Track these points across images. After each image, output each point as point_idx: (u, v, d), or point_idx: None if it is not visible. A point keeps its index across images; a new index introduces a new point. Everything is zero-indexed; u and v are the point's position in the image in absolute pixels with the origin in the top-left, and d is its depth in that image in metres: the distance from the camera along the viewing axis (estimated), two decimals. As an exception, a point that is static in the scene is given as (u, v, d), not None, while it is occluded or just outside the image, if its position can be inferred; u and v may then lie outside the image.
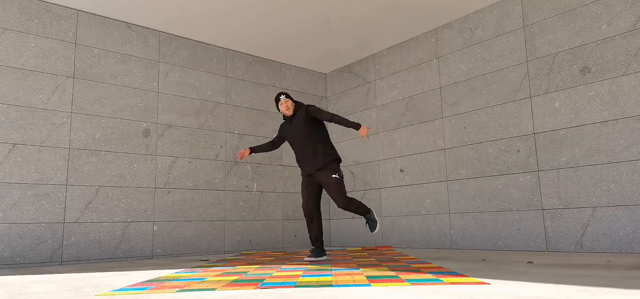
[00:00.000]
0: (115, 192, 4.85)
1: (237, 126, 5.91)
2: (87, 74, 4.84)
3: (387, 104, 6.00)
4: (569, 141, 4.23)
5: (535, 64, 4.55)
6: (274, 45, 5.91)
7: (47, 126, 4.52)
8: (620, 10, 4.02)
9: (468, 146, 5.04)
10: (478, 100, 5.00)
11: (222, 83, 5.86)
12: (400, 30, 5.54)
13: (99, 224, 4.71)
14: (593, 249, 4.02)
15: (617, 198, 3.91)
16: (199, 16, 5.06)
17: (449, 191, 5.19)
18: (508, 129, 4.71)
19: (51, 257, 4.40)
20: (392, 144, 5.89)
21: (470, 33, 5.15)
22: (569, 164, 4.22)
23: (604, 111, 4.04)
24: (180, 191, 5.30)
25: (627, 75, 3.94)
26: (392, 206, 5.80)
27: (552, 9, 4.46)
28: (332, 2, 4.82)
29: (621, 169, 3.91)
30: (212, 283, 2.56)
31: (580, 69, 4.22)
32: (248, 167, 5.93)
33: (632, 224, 3.82)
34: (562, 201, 4.24)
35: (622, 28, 4.00)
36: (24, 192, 4.32)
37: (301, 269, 3.27)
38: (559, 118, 4.33)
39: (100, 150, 4.81)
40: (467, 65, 5.14)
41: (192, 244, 5.31)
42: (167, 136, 5.30)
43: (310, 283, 2.47)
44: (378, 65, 6.20)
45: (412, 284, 2.29)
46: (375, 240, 5.98)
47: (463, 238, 5.00)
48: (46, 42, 4.63)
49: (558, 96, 4.35)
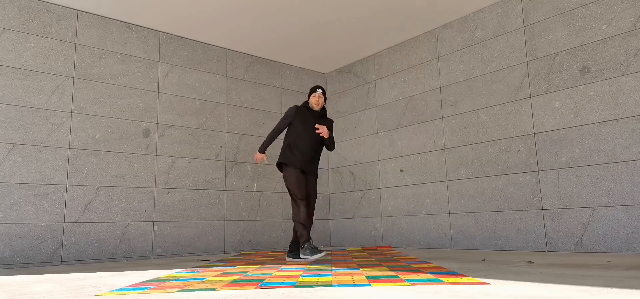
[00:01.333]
0: (115, 193, 4.85)
1: (237, 126, 5.91)
2: (87, 74, 4.84)
3: (387, 104, 6.00)
4: (569, 141, 4.23)
5: (535, 64, 4.55)
6: (274, 45, 5.92)
7: (47, 126, 4.52)
8: (620, 10, 4.02)
9: (468, 146, 5.04)
10: (478, 100, 5.00)
11: (222, 83, 5.86)
12: (400, 30, 5.54)
13: (99, 224, 4.71)
14: (593, 249, 4.02)
15: (617, 198, 3.91)
16: (199, 16, 5.06)
17: (449, 191, 5.19)
18: (508, 129, 4.71)
19: (51, 257, 4.40)
20: (392, 144, 5.89)
21: (470, 33, 5.15)
22: (569, 164, 4.22)
23: (604, 111, 4.04)
24: (180, 191, 5.30)
25: (627, 75, 3.94)
26: (392, 206, 5.80)
27: (552, 9, 4.46)
28: (332, 2, 4.82)
29: (621, 169, 3.91)
30: (212, 283, 2.56)
31: (580, 69, 4.22)
32: (248, 167, 5.93)
33: (632, 224, 3.82)
34: (562, 201, 4.24)
35: (622, 28, 4.00)
36: (24, 192, 4.33)
37: (301, 269, 3.27)
38: (559, 118, 4.33)
39: (100, 150, 4.81)
40: (467, 66, 5.14)
41: (192, 244, 5.31)
42: (167, 136, 5.30)
43: (310, 282, 2.47)
44: (378, 65, 6.20)
45: (411, 284, 2.29)
46: (375, 240, 5.98)
47: (463, 237, 5.00)
48: (46, 42, 4.63)
49: (558, 95, 4.35)
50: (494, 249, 4.70)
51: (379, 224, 5.95)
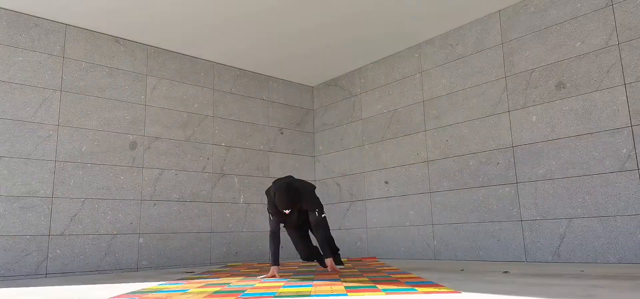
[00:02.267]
0: (101, 205, 4.88)
1: (224, 139, 5.98)
2: (75, 87, 4.89)
3: (372, 117, 6.11)
4: (546, 154, 4.37)
5: (513, 79, 4.69)
6: (262, 60, 6.01)
7: (33, 138, 4.56)
8: (593, 28, 4.18)
9: (450, 158, 5.16)
10: (459, 113, 5.12)
11: (209, 96, 5.93)
12: (385, 45, 5.67)
13: (84, 236, 4.73)
14: (570, 259, 4.13)
15: (592, 210, 4.04)
16: (188, 31, 5.15)
17: (432, 203, 5.29)
18: (488, 142, 4.83)
19: (36, 269, 4.41)
20: (377, 156, 5.99)
21: (451, 49, 5.29)
22: (546, 176, 4.34)
23: (579, 125, 4.18)
24: (166, 203, 5.34)
25: (600, 91, 4.09)
26: (377, 217, 5.89)
27: (528, 26, 4.62)
28: (318, 19, 4.93)
29: (595, 181, 4.04)
30: (194, 295, 2.61)
31: (556, 85, 4.37)
32: (235, 179, 5.99)
33: (606, 235, 3.94)
34: (539, 213, 4.36)
35: (595, 46, 4.16)
36: (10, 205, 4.34)
37: (283, 280, 3.34)
38: (535, 132, 4.46)
39: (87, 163, 4.85)
40: (449, 80, 5.27)
41: (179, 256, 5.34)
42: (154, 149, 5.35)
43: (290, 293, 2.54)
44: (363, 79, 6.32)
45: (386, 294, 2.37)
46: (361, 251, 6.05)
47: (446, 248, 5.09)
48: (34, 55, 4.68)
49: (535, 110, 4.49)
50: (475, 260, 4.79)
51: (365, 236, 6.03)
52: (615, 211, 3.91)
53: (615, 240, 3.89)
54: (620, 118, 3.95)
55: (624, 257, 3.83)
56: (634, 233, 3.80)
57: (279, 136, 6.58)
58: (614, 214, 3.92)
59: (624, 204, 3.87)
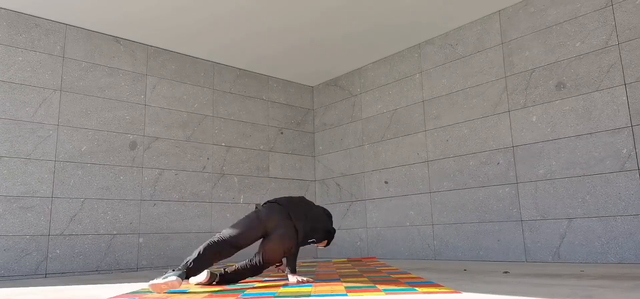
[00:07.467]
0: (101, 205, 4.87)
1: (224, 138, 5.98)
2: (75, 87, 4.88)
3: (372, 117, 6.11)
4: (546, 154, 4.36)
5: (513, 79, 4.69)
6: (262, 59, 6.01)
7: (33, 138, 4.55)
8: (593, 28, 4.18)
9: (450, 158, 5.16)
10: (459, 114, 5.12)
11: (209, 96, 5.93)
12: (385, 45, 5.67)
13: (84, 236, 4.72)
14: (570, 260, 4.13)
15: (592, 210, 4.03)
16: (188, 31, 5.14)
17: (432, 203, 5.29)
18: (488, 142, 4.83)
19: (36, 269, 4.41)
20: (377, 156, 5.99)
21: (451, 49, 5.29)
22: (546, 176, 4.34)
23: (579, 125, 4.18)
24: (166, 203, 5.33)
25: (600, 91, 4.09)
26: (377, 217, 5.89)
27: (528, 26, 4.62)
28: (319, 20, 4.93)
29: (595, 181, 4.04)
30: (195, 294, 2.61)
31: (556, 85, 4.37)
32: (235, 179, 5.99)
33: (606, 235, 3.94)
34: (539, 213, 4.36)
35: (595, 46, 4.16)
36: (9, 205, 4.34)
37: (284, 280, 3.33)
38: (536, 132, 4.46)
39: (87, 162, 4.84)
40: (449, 80, 5.27)
41: (178, 256, 5.34)
42: (154, 149, 5.34)
43: (290, 293, 2.54)
44: (363, 78, 6.32)
45: (386, 294, 2.37)
46: (361, 251, 6.05)
47: (446, 248, 5.09)
48: (34, 55, 4.68)
49: (535, 110, 4.49)
50: (475, 260, 4.79)
51: (365, 236, 6.03)
52: (615, 211, 3.91)
53: (615, 240, 3.89)
54: (621, 118, 3.95)
55: (624, 257, 3.83)
56: (634, 233, 3.80)
57: (279, 135, 6.57)
58: (614, 214, 3.92)
59: (624, 204, 3.87)
